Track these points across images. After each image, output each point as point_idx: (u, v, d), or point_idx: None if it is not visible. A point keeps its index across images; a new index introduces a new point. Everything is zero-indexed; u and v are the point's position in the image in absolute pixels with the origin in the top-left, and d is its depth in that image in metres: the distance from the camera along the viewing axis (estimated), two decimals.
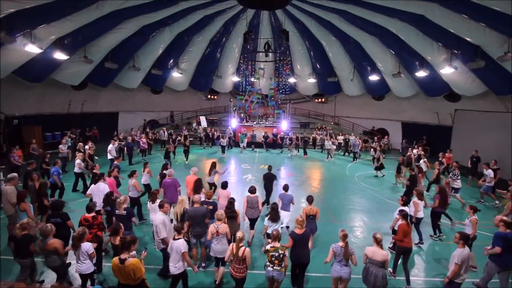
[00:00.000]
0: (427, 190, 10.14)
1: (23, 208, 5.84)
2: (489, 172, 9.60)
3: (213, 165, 8.83)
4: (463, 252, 4.35)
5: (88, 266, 4.46)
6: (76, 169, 9.39)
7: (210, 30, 15.68)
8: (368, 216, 8.48)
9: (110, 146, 11.74)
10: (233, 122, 19.15)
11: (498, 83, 11.83)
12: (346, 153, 17.01)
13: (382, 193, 10.57)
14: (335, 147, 16.36)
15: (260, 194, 7.00)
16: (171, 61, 17.48)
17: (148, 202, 6.29)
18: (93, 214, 5.33)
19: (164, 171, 7.85)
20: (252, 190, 6.46)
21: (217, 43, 17.51)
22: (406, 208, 6.04)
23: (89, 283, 4.69)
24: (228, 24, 15.50)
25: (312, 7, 12.56)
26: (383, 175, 12.61)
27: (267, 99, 21.67)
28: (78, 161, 9.38)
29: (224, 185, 6.80)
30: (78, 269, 4.44)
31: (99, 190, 6.64)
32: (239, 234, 4.39)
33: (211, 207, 5.88)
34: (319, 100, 23.39)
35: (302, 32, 16.13)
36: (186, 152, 14.15)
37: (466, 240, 4.45)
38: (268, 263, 4.42)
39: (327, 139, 16.36)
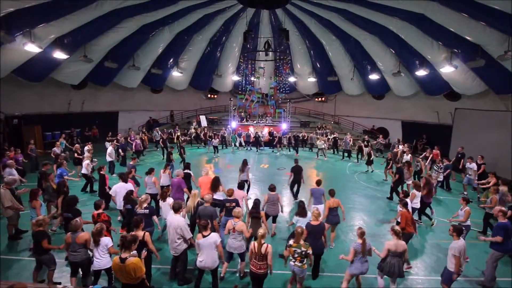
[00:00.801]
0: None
1: (33, 205, 5.90)
2: (473, 166, 10.04)
3: (245, 162, 8.93)
4: (457, 243, 4.58)
5: (108, 260, 4.50)
6: (84, 170, 9.27)
7: (210, 29, 15.64)
8: (368, 215, 8.50)
9: (110, 149, 11.50)
10: (233, 124, 19.35)
11: (498, 82, 11.81)
12: (335, 152, 17.18)
13: (382, 191, 10.57)
14: (326, 145, 16.47)
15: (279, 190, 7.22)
16: (171, 60, 17.46)
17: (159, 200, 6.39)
18: (99, 211, 5.36)
19: (186, 170, 8.04)
20: (272, 187, 6.72)
21: (217, 42, 17.48)
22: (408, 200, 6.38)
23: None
24: (228, 23, 15.46)
25: (312, 6, 12.53)
26: (372, 170, 13.18)
27: (267, 98, 21.69)
28: (87, 161, 9.28)
29: (241, 186, 6.90)
30: (97, 264, 4.48)
31: (125, 188, 6.71)
32: (261, 231, 4.45)
33: (233, 204, 5.96)
34: (319, 99, 23.37)
35: (302, 31, 16.10)
36: (181, 153, 13.31)
37: (460, 232, 4.73)
38: (291, 258, 4.57)
39: (320, 139, 16.51)
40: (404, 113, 19.10)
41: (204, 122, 20.17)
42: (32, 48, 10.39)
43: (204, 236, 4.53)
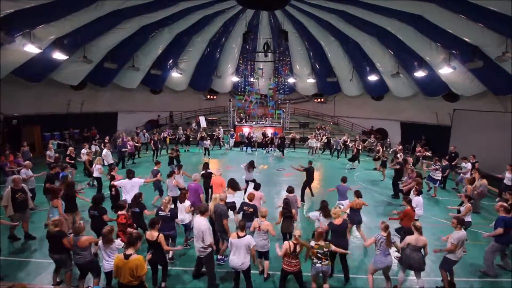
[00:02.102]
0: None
1: (55, 204, 5.87)
2: (468, 165, 10.39)
3: (252, 164, 9.09)
4: (459, 233, 4.99)
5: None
6: (96, 174, 9.05)
7: (210, 30, 15.68)
8: (367, 215, 8.48)
9: (105, 151, 11.01)
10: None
11: (497, 83, 11.88)
12: (328, 151, 17.44)
13: (382, 192, 10.62)
14: (318, 145, 16.93)
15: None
16: (171, 61, 17.48)
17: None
18: (121, 212, 5.39)
19: (208, 170, 8.12)
20: (290, 189, 6.69)
21: (216, 43, 17.52)
22: (418, 198, 6.85)
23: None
24: (228, 24, 15.51)
25: (311, 7, 12.59)
26: (354, 168, 14.01)
27: (266, 99, 21.74)
28: (98, 166, 9.03)
29: (257, 187, 6.93)
30: (108, 266, 4.46)
31: (131, 184, 6.80)
32: (297, 232, 4.64)
33: (251, 209, 5.92)
34: (319, 100, 23.41)
35: (301, 32, 16.15)
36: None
37: (462, 223, 5.18)
38: (315, 260, 4.61)
39: (311, 138, 16.86)
40: (403, 114, 19.15)
41: (203, 123, 20.17)
42: (32, 49, 10.38)
43: (239, 237, 4.58)
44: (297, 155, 16.93)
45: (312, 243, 4.63)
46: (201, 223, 4.89)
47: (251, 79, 20.09)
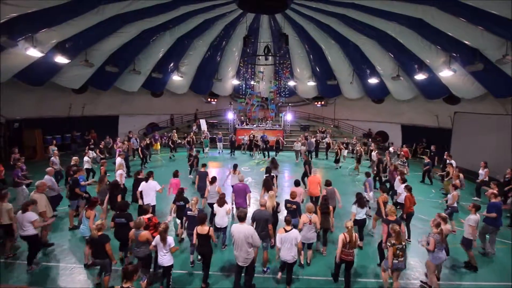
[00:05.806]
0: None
1: (88, 215, 5.78)
2: (452, 162, 11.13)
3: (274, 162, 9.41)
4: (475, 217, 5.88)
5: (169, 259, 4.79)
6: (119, 180, 8.73)
7: (210, 34, 15.76)
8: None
9: (119, 160, 10.04)
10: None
11: (497, 86, 11.87)
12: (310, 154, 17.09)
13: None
14: (305, 148, 16.51)
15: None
16: (172, 64, 17.55)
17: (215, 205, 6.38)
18: (149, 215, 5.53)
19: (272, 173, 8.42)
20: (328, 183, 7.26)
21: (217, 47, 17.59)
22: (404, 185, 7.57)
23: None
24: (228, 28, 15.58)
25: (311, 11, 12.64)
26: (338, 168, 14.95)
27: (267, 102, 21.77)
28: (120, 171, 8.81)
29: (297, 183, 7.23)
30: (160, 260, 4.74)
31: (149, 187, 7.04)
32: (349, 224, 5.01)
33: (294, 206, 6.20)
34: (319, 103, 23.42)
35: (301, 36, 16.20)
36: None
37: (478, 208, 6.03)
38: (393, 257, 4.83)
39: (296, 142, 16.80)
40: (404, 117, 19.16)
41: (204, 126, 20.21)
42: (34, 53, 10.44)
43: (286, 231, 4.90)
44: (281, 158, 16.81)
45: (393, 240, 4.81)
46: (246, 228, 4.79)
47: (252, 82, 20.10)
